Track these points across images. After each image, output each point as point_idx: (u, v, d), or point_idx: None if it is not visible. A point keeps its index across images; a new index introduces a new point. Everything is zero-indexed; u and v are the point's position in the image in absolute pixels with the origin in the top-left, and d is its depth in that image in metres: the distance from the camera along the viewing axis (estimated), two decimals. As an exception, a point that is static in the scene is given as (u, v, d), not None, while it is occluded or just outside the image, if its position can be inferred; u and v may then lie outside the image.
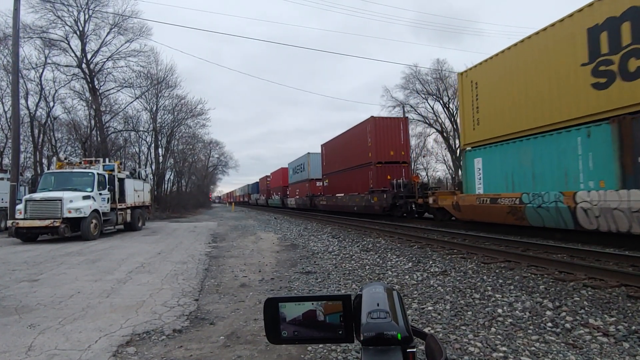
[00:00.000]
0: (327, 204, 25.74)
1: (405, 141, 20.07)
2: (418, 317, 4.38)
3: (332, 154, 25.42)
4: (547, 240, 9.36)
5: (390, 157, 19.38)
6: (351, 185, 21.83)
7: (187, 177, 48.16)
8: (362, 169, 20.33)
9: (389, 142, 19.47)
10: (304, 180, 31.66)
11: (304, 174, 31.78)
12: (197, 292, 5.81)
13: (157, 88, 32.21)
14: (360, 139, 20.70)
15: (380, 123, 19.63)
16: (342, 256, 8.79)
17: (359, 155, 20.67)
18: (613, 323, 3.94)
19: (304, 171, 31.40)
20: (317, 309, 0.73)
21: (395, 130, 19.73)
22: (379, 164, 19.23)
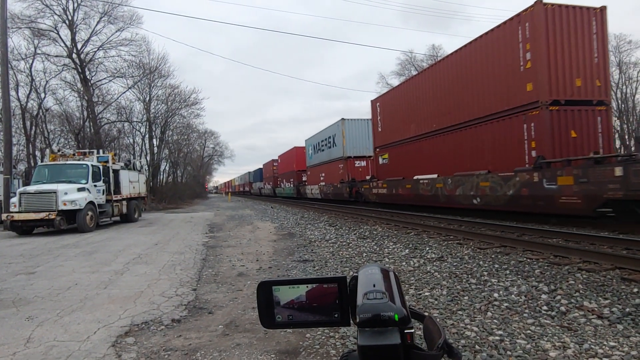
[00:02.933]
0: (390, 194, 16.39)
1: (603, 56, 10.16)
2: (415, 302, 4.41)
3: (403, 109, 15.66)
4: (542, 225, 9.43)
5: (573, 91, 9.87)
6: (461, 157, 12.49)
7: (183, 167, 47.98)
8: (505, 121, 10.79)
9: (572, 60, 9.88)
10: (334, 160, 23.24)
11: (334, 150, 23.26)
12: (195, 281, 5.82)
13: (149, 78, 31.85)
14: (495, 57, 11.01)
15: (554, 16, 9.79)
16: (339, 244, 8.82)
17: (495, 93, 11.03)
18: (607, 305, 3.99)
19: (336, 147, 22.90)
20: None
21: (584, 36, 9.99)
22: (554, 105, 9.69)
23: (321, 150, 26.31)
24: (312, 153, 28.78)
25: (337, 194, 23.17)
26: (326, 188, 25.10)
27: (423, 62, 41.50)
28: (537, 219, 10.10)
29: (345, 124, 22.01)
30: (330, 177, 24.53)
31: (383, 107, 18.02)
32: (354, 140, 22.09)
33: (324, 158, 25.72)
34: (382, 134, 18.05)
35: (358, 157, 22.10)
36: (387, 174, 17.29)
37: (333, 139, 23.68)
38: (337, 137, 22.92)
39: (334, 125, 23.75)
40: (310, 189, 28.98)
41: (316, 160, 27.60)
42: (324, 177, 25.83)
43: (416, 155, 15.11)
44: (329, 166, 24.57)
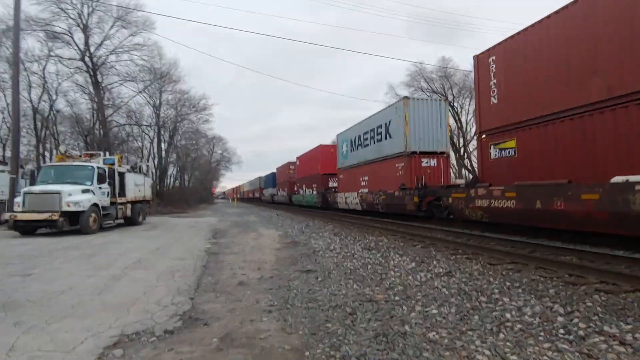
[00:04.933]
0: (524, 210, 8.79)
1: None
2: (422, 320, 4.16)
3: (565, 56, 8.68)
4: (554, 241, 9.11)
5: None
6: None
7: (190, 172, 48.10)
8: None
9: None
10: (388, 158, 16.89)
11: (388, 144, 16.98)
12: (193, 290, 5.62)
13: (160, 82, 32.07)
14: None
15: None
16: (343, 254, 8.58)
17: None
18: (630, 331, 3.71)
19: (391, 139, 16.79)
20: None
21: None
22: None
23: (364, 146, 19.83)
24: (348, 150, 22.17)
25: (392, 205, 15.85)
26: (372, 197, 17.75)
27: (432, 74, 41.36)
28: (548, 234, 9.77)
29: (410, 105, 15.71)
30: (380, 182, 17.57)
31: (505, 62, 10.44)
32: (420, 129, 15.86)
33: (369, 155, 19.06)
34: (500, 108, 10.60)
35: (426, 153, 15.77)
36: (509, 175, 10.07)
37: (386, 129, 17.29)
38: (395, 124, 16.41)
39: (388, 108, 17.58)
40: (344, 197, 21.78)
41: (354, 160, 21.07)
42: (368, 182, 19.20)
43: (599, 138, 7.99)
44: (378, 166, 17.97)
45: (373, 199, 17.69)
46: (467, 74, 38.39)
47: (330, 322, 4.18)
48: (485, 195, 10.14)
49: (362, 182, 19.82)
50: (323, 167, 26.83)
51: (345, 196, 21.81)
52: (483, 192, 10.23)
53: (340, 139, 23.83)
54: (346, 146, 22.68)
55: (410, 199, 14.29)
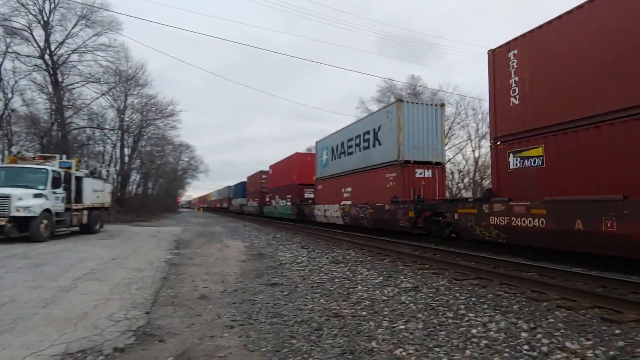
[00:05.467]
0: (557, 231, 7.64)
1: None
2: (389, 336, 4.07)
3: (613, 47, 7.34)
4: (515, 257, 9.33)
5: None
6: None
7: (154, 179, 46.56)
8: None
9: None
10: (377, 167, 15.59)
11: (378, 152, 15.57)
12: (150, 303, 5.29)
13: (125, 85, 31.05)
14: None
15: None
16: (310, 268, 8.42)
17: None
18: (590, 347, 3.76)
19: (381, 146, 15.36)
20: None
21: None
22: None
23: (347, 154, 18.25)
24: (329, 159, 20.54)
25: (382, 220, 14.30)
26: (357, 210, 16.15)
27: (402, 91, 42.34)
28: (511, 250, 10.01)
29: (404, 109, 14.18)
30: (366, 193, 15.99)
31: (532, 57, 9.02)
32: (414, 135, 14.34)
33: (353, 164, 17.55)
34: (522, 109, 9.20)
35: (420, 163, 14.38)
36: (535, 188, 8.73)
37: (375, 135, 15.61)
38: (385, 130, 14.84)
39: (378, 112, 16.19)
40: (323, 210, 20.09)
41: (336, 169, 19.49)
42: (352, 194, 17.59)
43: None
44: (365, 176, 16.39)
45: (358, 213, 16.15)
46: (435, 93, 39.61)
47: (295, 338, 4.01)
48: (504, 212, 8.80)
49: (345, 194, 18.34)
50: (299, 176, 25.01)
51: (324, 208, 20.10)
52: (501, 208, 8.89)
53: (320, 147, 22.16)
54: (326, 154, 20.99)
55: (404, 214, 12.79)
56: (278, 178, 29.77)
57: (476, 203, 9.98)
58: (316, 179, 22.48)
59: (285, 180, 27.50)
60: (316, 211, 21.24)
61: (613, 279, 6.40)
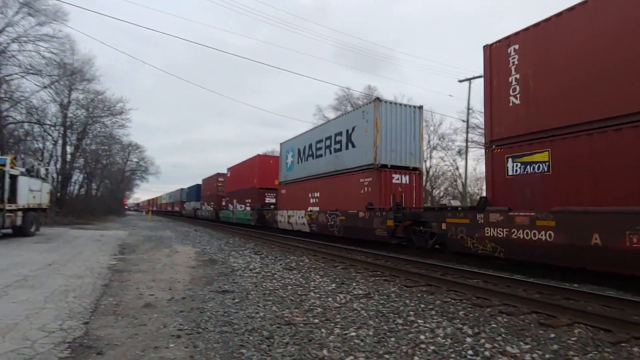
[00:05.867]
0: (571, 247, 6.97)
1: None
2: (340, 344, 4.07)
3: None
4: (462, 265, 9.73)
5: None
6: None
7: (99, 180, 44.08)
8: None
9: None
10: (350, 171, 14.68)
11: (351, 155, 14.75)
12: (89, 312, 4.96)
13: (70, 79, 29.22)
14: None
15: None
16: (263, 274, 8.29)
17: None
18: (528, 351, 3.97)
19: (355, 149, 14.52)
20: None
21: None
22: None
23: (316, 156, 17.21)
24: (295, 162, 19.48)
25: (355, 228, 13.40)
26: (326, 217, 15.21)
27: (359, 100, 43.19)
28: (457, 258, 10.42)
29: (382, 109, 13.37)
30: (337, 199, 15.01)
31: (537, 52, 8.36)
32: (392, 138, 13.56)
33: (322, 168, 16.55)
34: (524, 110, 8.54)
35: (398, 167, 13.62)
36: (539, 197, 8.07)
37: (348, 136, 14.78)
38: (360, 132, 14.01)
39: (352, 113, 15.17)
40: (287, 216, 19.07)
41: (302, 172, 18.44)
42: (320, 199, 16.49)
43: None
44: (336, 181, 15.42)
45: (327, 220, 15.13)
46: (390, 104, 40.59)
47: (245, 347, 3.91)
48: (503, 223, 8.05)
49: (312, 199, 17.15)
50: (260, 180, 23.82)
51: (288, 215, 18.98)
52: (499, 219, 8.15)
53: (285, 149, 20.93)
54: (292, 157, 19.69)
55: (382, 222, 11.95)
56: (237, 181, 28.38)
57: (469, 212, 9.09)
58: (279, 183, 21.37)
59: (244, 183, 26.27)
60: (279, 217, 20.04)
61: (549, 285, 6.83)
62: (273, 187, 23.22)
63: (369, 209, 12.85)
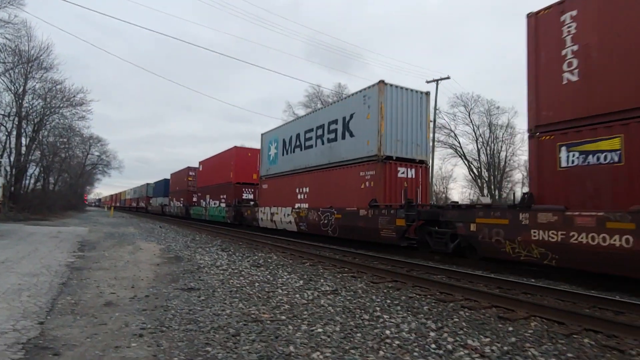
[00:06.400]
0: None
1: None
2: (307, 340, 4.09)
3: None
4: (427, 261, 9.98)
5: None
6: None
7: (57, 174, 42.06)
8: None
9: None
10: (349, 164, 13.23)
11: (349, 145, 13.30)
12: (44, 312, 4.73)
13: (26, 67, 27.67)
14: None
15: None
16: (230, 271, 8.18)
17: None
18: (488, 344, 4.13)
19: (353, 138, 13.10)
20: None
21: None
22: None
23: (305, 147, 15.78)
24: (279, 153, 18.04)
25: (355, 228, 12.03)
26: (318, 215, 13.89)
27: (329, 98, 43.33)
28: (423, 255, 10.69)
29: (387, 93, 12.01)
30: (332, 196, 13.64)
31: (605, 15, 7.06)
32: (397, 127, 12.23)
33: (312, 160, 15.12)
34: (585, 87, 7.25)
35: (403, 160, 12.34)
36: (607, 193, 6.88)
37: (345, 124, 13.32)
38: (360, 119, 12.64)
39: (351, 97, 13.40)
40: (269, 213, 17.62)
41: (288, 166, 16.99)
42: (310, 195, 15.03)
43: None
44: (329, 175, 13.98)
45: (319, 219, 13.80)
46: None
47: (210, 345, 3.85)
48: (557, 225, 6.77)
49: (300, 195, 15.70)
50: (237, 174, 22.30)
51: (271, 212, 17.51)
52: (551, 220, 6.86)
53: (267, 139, 19.43)
54: (275, 148, 18.30)
55: (389, 222, 10.60)
56: (210, 176, 26.55)
57: (508, 212, 7.78)
58: (261, 178, 19.90)
59: (219, 178, 24.57)
60: (260, 215, 18.52)
61: (508, 280, 7.12)
62: (251, 181, 22.28)
63: (372, 206, 11.50)
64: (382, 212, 11.08)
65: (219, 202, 24.20)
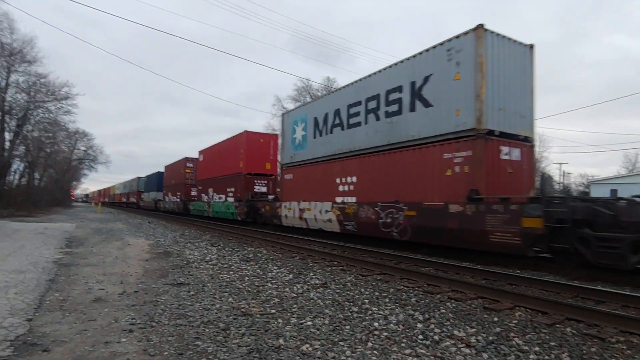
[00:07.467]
0: None
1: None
2: (297, 333, 4.14)
3: None
4: (415, 254, 10.10)
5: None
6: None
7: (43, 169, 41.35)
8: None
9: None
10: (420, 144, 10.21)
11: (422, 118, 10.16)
12: (32, 309, 4.70)
13: (9, 60, 27.03)
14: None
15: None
16: (220, 266, 8.20)
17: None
18: (473, 334, 4.23)
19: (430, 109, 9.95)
20: None
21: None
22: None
23: (348, 126, 12.90)
24: (308, 136, 15.02)
25: (443, 231, 9.17)
26: (375, 213, 11.10)
27: (318, 92, 43.21)
28: (411, 247, 10.81)
29: (488, 42, 9.04)
30: (394, 187, 10.81)
31: None
32: (498, 92, 9.21)
33: (364, 141, 12.14)
34: None
35: (506, 136, 9.33)
36: None
37: (415, 92, 10.38)
38: (444, 81, 9.64)
39: (430, 53, 10.09)
40: (297, 210, 14.85)
41: (324, 150, 14.04)
42: (357, 186, 12.26)
43: None
44: (391, 160, 11.05)
45: (377, 217, 10.94)
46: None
47: (200, 339, 3.88)
48: None
49: (343, 187, 12.87)
50: (248, 164, 19.40)
51: (299, 208, 14.65)
52: None
53: (291, 120, 16.43)
54: (303, 130, 15.25)
55: (508, 222, 7.79)
56: (213, 166, 23.46)
57: None
58: (283, 166, 16.92)
59: (225, 168, 21.64)
60: (284, 211, 15.76)
61: (495, 272, 7.27)
62: (264, 172, 19.70)
63: (473, 199, 8.57)
64: (494, 207, 8.11)
65: (225, 196, 21.40)
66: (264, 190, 19.74)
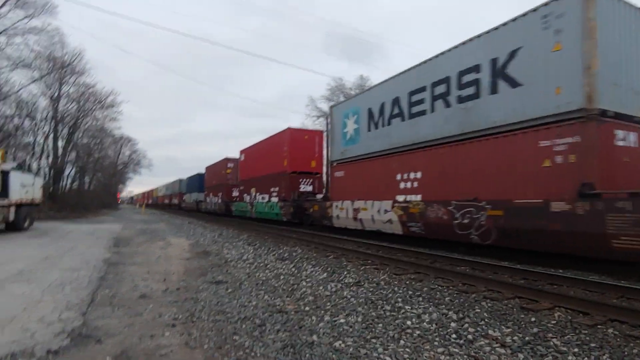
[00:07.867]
0: None
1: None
2: (330, 330, 4.24)
3: None
4: (451, 253, 9.94)
5: None
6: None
7: (92, 174, 43.87)
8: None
9: None
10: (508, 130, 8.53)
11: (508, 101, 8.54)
12: (86, 304, 5.08)
13: (60, 72, 28.93)
14: None
15: None
16: (256, 265, 8.45)
17: None
18: (509, 334, 4.17)
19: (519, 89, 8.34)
20: None
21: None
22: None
23: (410, 116, 11.57)
24: (362, 129, 13.85)
25: (543, 234, 7.59)
26: (448, 213, 9.74)
27: (351, 90, 43.11)
28: (448, 246, 10.64)
29: (598, 6, 7.36)
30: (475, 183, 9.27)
31: None
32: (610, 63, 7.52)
33: (429, 132, 10.84)
34: None
35: (623, 118, 7.70)
36: None
37: (497, 70, 8.94)
38: (536, 54, 8.13)
39: (517, 22, 8.57)
40: (351, 209, 13.75)
41: (380, 144, 12.85)
42: (422, 183, 10.96)
43: None
44: (466, 151, 9.63)
45: (451, 217, 9.66)
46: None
47: (238, 334, 4.07)
48: None
49: (405, 184, 11.56)
50: (292, 162, 18.49)
51: (353, 207, 13.55)
52: None
53: (340, 113, 15.26)
54: (355, 122, 14.15)
55: None
56: (255, 166, 22.74)
57: None
58: (331, 163, 15.86)
59: (267, 167, 20.73)
60: (335, 211, 14.61)
61: (535, 271, 7.04)
62: (309, 170, 18.70)
63: (586, 195, 7.05)
64: (618, 205, 6.59)
65: (269, 196, 20.39)
66: (310, 190, 18.75)
